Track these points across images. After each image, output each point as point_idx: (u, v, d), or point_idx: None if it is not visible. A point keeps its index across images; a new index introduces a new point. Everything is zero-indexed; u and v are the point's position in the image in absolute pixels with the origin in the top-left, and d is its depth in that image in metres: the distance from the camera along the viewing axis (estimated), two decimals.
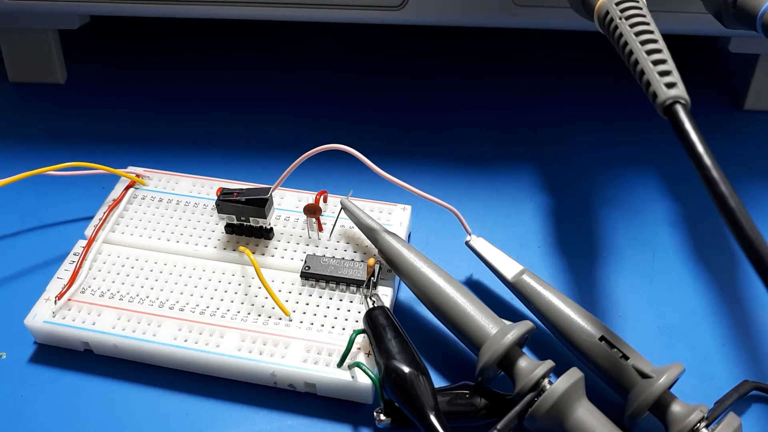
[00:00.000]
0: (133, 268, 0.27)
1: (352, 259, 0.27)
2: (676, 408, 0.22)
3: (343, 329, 0.25)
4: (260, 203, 0.27)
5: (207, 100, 0.38)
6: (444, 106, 0.38)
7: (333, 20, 0.33)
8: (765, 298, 0.28)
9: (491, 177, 0.34)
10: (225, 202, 0.27)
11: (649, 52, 0.20)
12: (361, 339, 0.24)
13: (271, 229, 0.28)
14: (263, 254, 0.28)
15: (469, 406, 0.23)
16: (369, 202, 0.29)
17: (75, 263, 0.27)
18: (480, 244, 0.27)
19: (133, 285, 0.27)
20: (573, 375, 0.22)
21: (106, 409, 0.25)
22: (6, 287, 0.29)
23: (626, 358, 0.23)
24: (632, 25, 0.21)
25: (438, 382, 0.25)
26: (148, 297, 0.26)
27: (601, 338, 0.23)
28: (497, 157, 0.35)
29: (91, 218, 0.29)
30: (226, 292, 0.26)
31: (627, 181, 0.33)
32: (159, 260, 0.27)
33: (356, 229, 0.28)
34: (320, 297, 0.26)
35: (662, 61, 0.19)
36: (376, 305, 0.25)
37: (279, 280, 0.27)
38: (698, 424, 0.21)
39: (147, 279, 0.27)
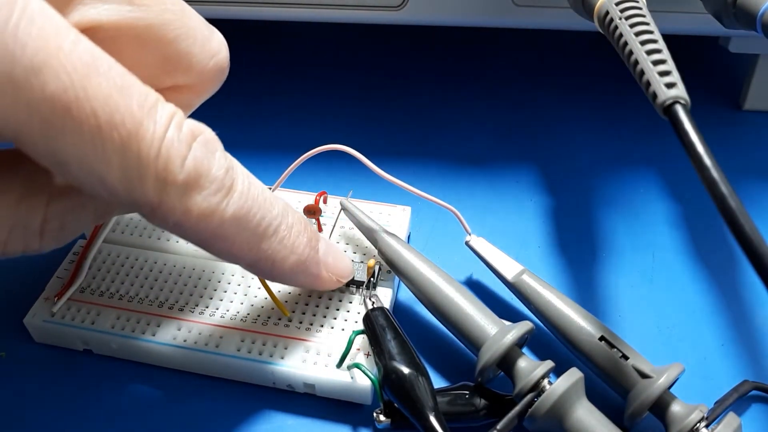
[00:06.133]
0: (132, 267, 0.27)
1: (352, 260, 0.27)
2: (675, 408, 0.22)
3: (343, 330, 0.25)
4: None
5: (206, 100, 0.38)
6: (444, 106, 0.38)
7: (333, 20, 0.33)
8: (765, 298, 0.28)
9: (491, 177, 0.34)
10: None
11: (649, 52, 0.20)
12: (360, 340, 0.24)
13: None
14: None
15: (468, 407, 0.23)
16: (369, 203, 0.29)
17: (74, 262, 0.27)
18: (480, 244, 0.27)
19: (132, 284, 0.27)
20: (573, 375, 0.22)
21: (105, 408, 0.25)
22: (6, 286, 0.28)
23: (626, 358, 0.23)
24: (632, 25, 0.21)
25: (438, 382, 0.25)
26: (147, 297, 0.26)
27: (601, 338, 0.23)
28: (497, 158, 0.35)
29: None
30: (225, 292, 0.26)
31: (627, 181, 0.33)
32: (159, 260, 0.27)
33: (356, 230, 0.28)
34: (320, 297, 0.26)
35: (662, 61, 0.19)
36: (375, 306, 0.25)
37: None
38: (698, 424, 0.21)
39: (147, 278, 0.27)
